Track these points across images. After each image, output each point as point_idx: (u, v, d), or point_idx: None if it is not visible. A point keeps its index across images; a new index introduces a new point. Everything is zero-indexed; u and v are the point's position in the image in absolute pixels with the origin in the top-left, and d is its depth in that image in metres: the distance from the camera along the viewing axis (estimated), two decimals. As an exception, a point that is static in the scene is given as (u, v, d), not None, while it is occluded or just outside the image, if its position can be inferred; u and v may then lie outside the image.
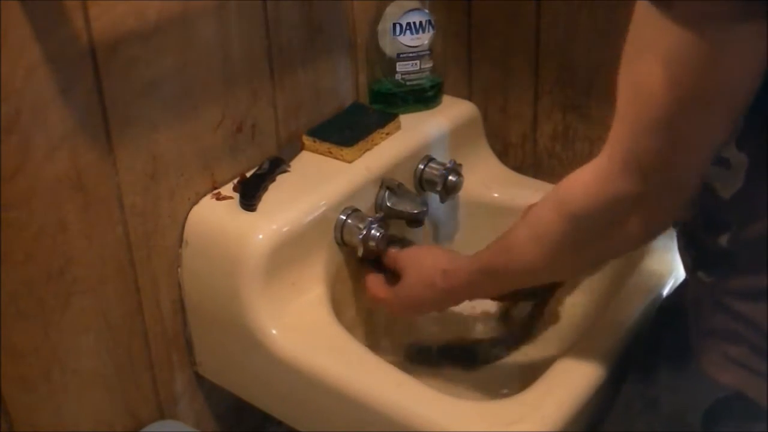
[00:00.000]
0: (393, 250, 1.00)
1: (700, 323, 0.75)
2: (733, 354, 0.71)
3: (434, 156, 1.12)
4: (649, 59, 0.61)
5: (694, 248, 0.75)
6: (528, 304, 1.08)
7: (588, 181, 0.70)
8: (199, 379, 1.06)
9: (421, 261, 0.96)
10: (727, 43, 0.57)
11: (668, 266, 0.96)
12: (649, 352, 0.83)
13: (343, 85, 1.14)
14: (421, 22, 1.12)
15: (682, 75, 0.60)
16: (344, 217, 1.00)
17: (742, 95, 0.61)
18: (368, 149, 1.07)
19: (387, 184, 1.05)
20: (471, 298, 0.97)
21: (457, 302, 0.96)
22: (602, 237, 0.72)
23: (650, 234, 0.72)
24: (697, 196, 0.73)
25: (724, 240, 0.70)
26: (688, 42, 0.58)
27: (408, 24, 1.12)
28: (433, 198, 1.10)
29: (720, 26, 0.57)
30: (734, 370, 0.71)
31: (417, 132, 1.12)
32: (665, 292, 0.95)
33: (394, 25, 1.12)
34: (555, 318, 1.07)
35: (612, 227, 0.70)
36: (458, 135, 1.16)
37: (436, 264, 0.93)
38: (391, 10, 1.11)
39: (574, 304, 1.05)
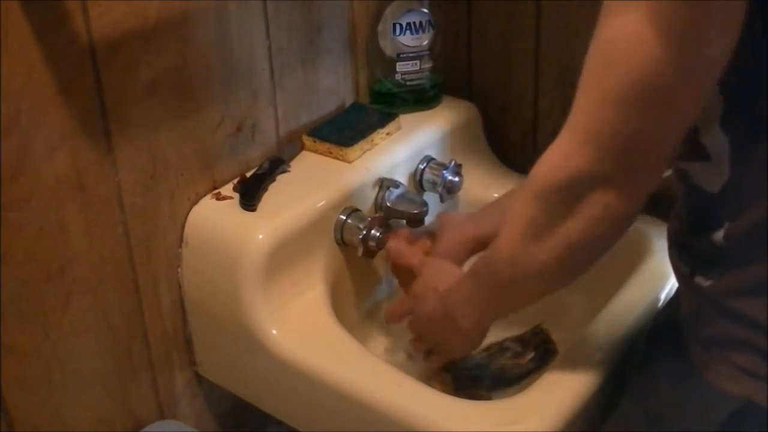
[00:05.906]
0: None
1: (699, 334, 0.72)
2: (739, 362, 0.68)
3: (434, 156, 1.12)
4: (627, 21, 0.58)
5: (689, 255, 0.73)
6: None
7: (552, 156, 0.67)
8: (199, 379, 1.06)
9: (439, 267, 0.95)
10: (710, 11, 0.56)
11: (668, 266, 0.95)
12: (647, 368, 0.81)
13: (343, 85, 1.14)
14: (421, 22, 1.13)
15: (662, 38, 0.57)
16: (344, 217, 1.00)
17: (718, 69, 0.59)
18: (368, 149, 1.07)
19: (387, 184, 1.05)
20: (475, 317, 0.86)
21: (463, 319, 0.86)
22: (567, 218, 0.67)
23: (618, 220, 0.67)
24: (683, 199, 0.72)
25: (719, 236, 0.68)
26: (672, 7, 0.56)
27: (408, 24, 1.12)
28: (433, 198, 1.10)
29: None
30: (742, 379, 0.68)
31: (417, 132, 1.12)
32: (664, 292, 0.95)
33: (394, 25, 1.12)
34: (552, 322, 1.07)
35: (575, 207, 0.66)
36: (458, 135, 1.17)
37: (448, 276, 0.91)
38: (391, 10, 1.12)
39: (574, 304, 1.05)
